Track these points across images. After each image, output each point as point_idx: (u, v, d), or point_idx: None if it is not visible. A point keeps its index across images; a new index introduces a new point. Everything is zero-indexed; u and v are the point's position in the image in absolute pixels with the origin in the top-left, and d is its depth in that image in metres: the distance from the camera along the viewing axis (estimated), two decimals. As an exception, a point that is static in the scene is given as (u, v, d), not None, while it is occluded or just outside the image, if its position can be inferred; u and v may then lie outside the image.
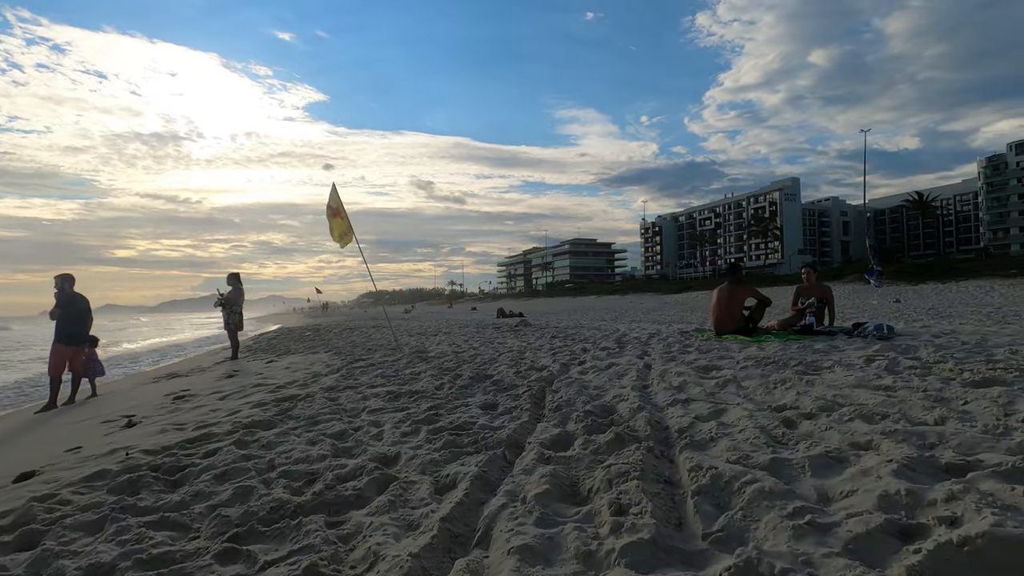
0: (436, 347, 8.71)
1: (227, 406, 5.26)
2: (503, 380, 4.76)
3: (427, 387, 4.88)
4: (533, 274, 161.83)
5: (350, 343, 11.40)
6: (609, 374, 4.58)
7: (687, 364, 4.70)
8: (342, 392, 5.18)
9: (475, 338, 9.96)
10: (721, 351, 5.51)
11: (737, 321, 6.90)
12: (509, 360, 6.10)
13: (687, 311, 22.17)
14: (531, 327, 12.27)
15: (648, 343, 6.83)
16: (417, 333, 12.67)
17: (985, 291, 33.49)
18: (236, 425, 4.08)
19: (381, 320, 25.67)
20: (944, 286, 38.76)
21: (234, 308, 10.94)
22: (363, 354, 8.66)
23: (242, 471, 2.82)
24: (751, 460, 2.12)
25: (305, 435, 3.58)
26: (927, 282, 41.03)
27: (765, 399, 3.21)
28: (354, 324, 21.12)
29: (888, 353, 4.63)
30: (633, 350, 6.14)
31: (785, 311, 8.44)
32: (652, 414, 3.01)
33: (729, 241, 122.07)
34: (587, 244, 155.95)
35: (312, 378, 6.47)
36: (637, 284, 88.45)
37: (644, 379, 4.27)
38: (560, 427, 3.03)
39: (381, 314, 42.24)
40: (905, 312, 13.60)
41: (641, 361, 5.22)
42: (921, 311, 13.60)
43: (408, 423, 3.58)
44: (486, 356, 6.76)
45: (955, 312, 12.84)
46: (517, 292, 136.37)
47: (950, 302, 21.76)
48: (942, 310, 14.02)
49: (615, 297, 69.93)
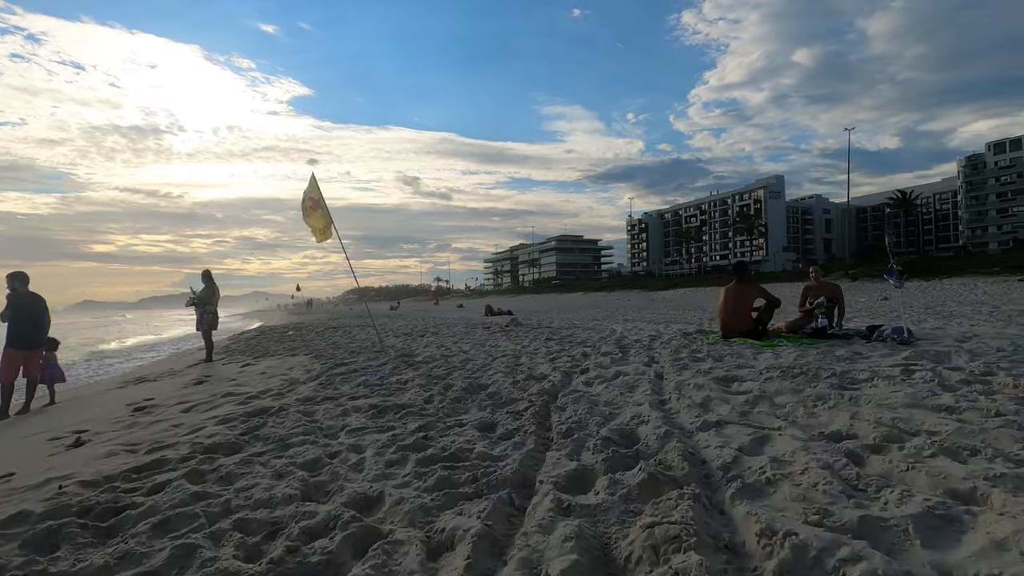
0: (424, 350, 8.19)
1: (191, 421, 4.70)
2: (500, 392, 4.27)
3: (415, 400, 4.37)
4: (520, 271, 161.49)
5: (332, 344, 10.82)
6: (618, 386, 4.12)
7: (704, 374, 4.26)
8: (320, 405, 4.66)
9: (465, 339, 9.45)
10: (736, 358, 5.08)
11: (745, 323, 6.48)
12: (504, 367, 5.61)
13: (678, 309, 21.86)
14: (523, 327, 11.79)
15: (652, 347, 6.38)
16: (403, 333, 12.12)
17: (969, 289, 33.77)
18: (195, 448, 3.54)
19: (366, 318, 25.00)
20: (928, 284, 39.11)
21: (207, 307, 10.30)
22: (345, 357, 8.11)
23: (188, 518, 2.30)
24: (833, 518, 1.67)
25: (273, 463, 3.06)
26: (911, 280, 41.43)
27: (811, 422, 2.76)
28: (338, 322, 20.46)
29: (921, 362, 4.23)
30: (638, 356, 5.69)
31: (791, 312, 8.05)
32: (683, 443, 2.54)
33: (714, 238, 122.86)
34: (574, 241, 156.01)
35: (288, 386, 5.92)
36: (624, 281, 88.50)
37: (659, 392, 3.81)
38: (575, 458, 2.55)
39: (366, 312, 41.45)
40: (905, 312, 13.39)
41: (650, 369, 4.76)
42: (919, 310, 13.38)
43: (393, 448, 3.08)
44: (478, 361, 6.26)
45: (954, 311, 12.62)
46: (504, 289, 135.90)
47: (941, 300, 21.73)
48: (938, 308, 13.83)
49: (602, 294, 69.73)
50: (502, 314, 22.08)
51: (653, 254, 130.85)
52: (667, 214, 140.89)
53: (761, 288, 6.71)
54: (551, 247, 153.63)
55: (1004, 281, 35.08)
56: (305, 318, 32.38)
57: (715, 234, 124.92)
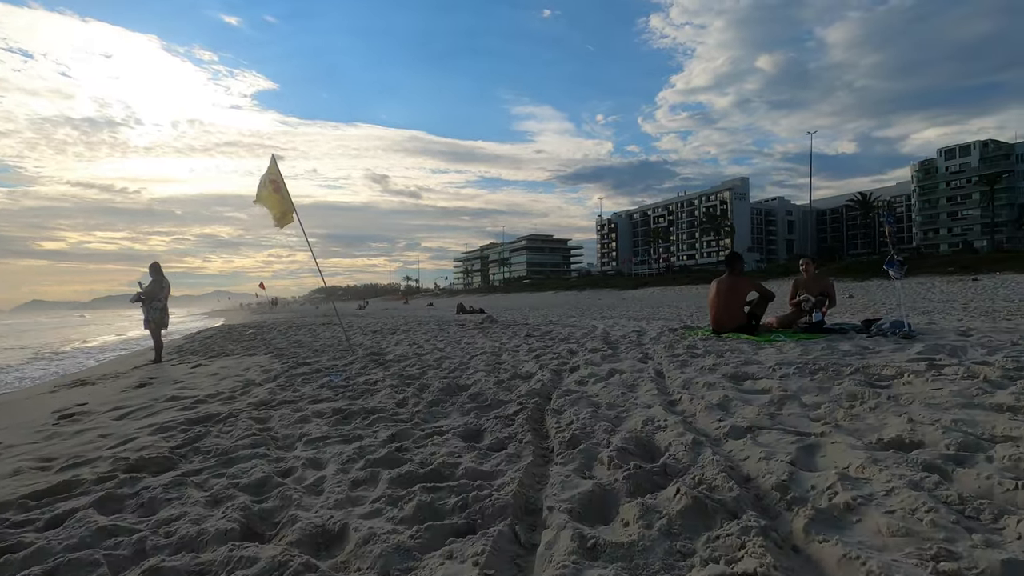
0: (394, 348, 7.60)
1: (122, 430, 4.04)
2: (483, 393, 3.76)
3: (386, 403, 3.83)
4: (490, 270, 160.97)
5: (295, 343, 10.09)
6: (617, 385, 3.67)
7: (709, 371, 3.85)
8: (276, 410, 4.06)
9: (438, 337, 8.89)
10: (736, 354, 4.70)
11: (737, 318, 6.14)
12: (485, 365, 5.10)
13: (652, 307, 21.73)
14: (499, 324, 11.29)
15: (642, 343, 5.98)
16: (372, 331, 11.46)
17: (927, 287, 34.91)
18: (118, 465, 2.92)
19: (332, 317, 24.07)
20: (888, 283, 40.44)
21: (155, 303, 9.44)
22: (308, 356, 7.46)
23: (84, 568, 1.73)
24: (963, 561, 1.23)
25: (211, 484, 2.49)
26: (871, 279, 42.78)
27: (858, 426, 2.36)
28: (302, 321, 19.54)
29: (939, 356, 3.92)
30: (630, 352, 5.26)
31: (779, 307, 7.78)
32: (718, 454, 2.09)
33: (682, 239, 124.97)
34: (543, 240, 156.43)
35: (242, 388, 5.28)
36: (594, 280, 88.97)
37: (666, 392, 3.38)
38: (587, 475, 2.07)
39: (333, 310, 40.13)
40: (905, 304, 13.43)
41: (647, 366, 4.34)
42: (891, 307, 13.45)
43: (361, 464, 2.54)
44: (455, 359, 5.74)
45: (927, 308, 12.72)
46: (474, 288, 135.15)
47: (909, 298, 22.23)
48: (911, 305, 13.98)
49: (573, 293, 69.85)
50: (474, 312, 21.54)
51: (622, 254, 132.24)
52: (636, 214, 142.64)
53: (754, 281, 6.39)
54: (521, 246, 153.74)
55: (959, 280, 36.42)
56: (269, 317, 31.10)
57: (682, 234, 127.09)
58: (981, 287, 32.83)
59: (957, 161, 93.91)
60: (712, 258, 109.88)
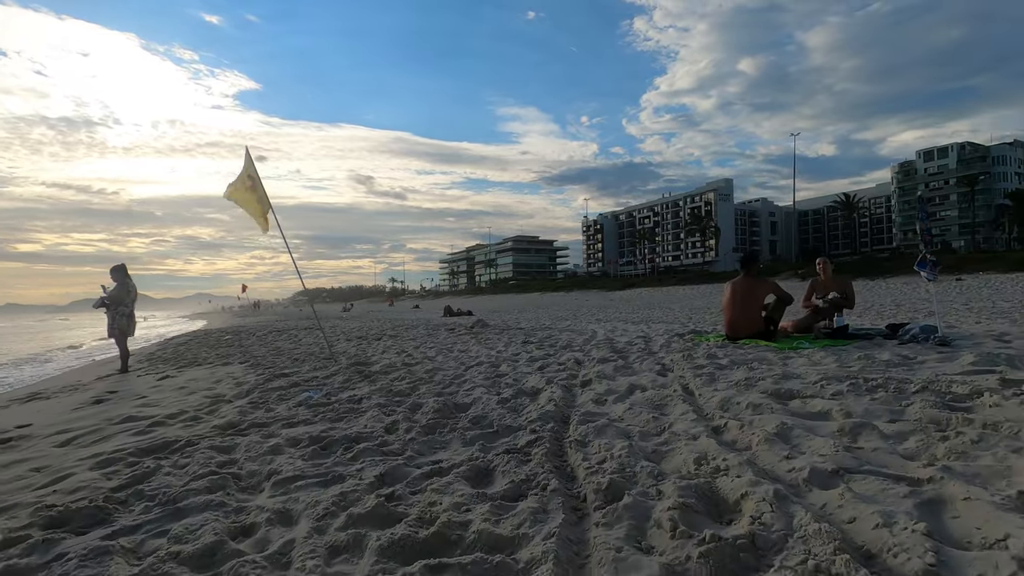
0: (381, 357, 7.02)
1: (61, 462, 3.42)
2: (487, 416, 3.23)
3: (372, 427, 3.27)
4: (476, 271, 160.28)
5: (274, 350, 9.45)
6: (642, 405, 3.17)
7: (745, 387, 3.36)
8: (244, 435, 3.49)
9: (428, 344, 8.33)
10: (765, 364, 4.23)
11: (755, 323, 5.68)
12: (483, 378, 4.57)
13: (644, 309, 21.36)
14: (491, 328, 10.75)
15: (653, 351, 5.49)
16: (357, 337, 10.84)
17: (913, 287, 35.17)
18: (38, 516, 2.33)
19: (308, 316, 23.32)
20: (873, 282, 40.61)
21: (120, 308, 8.75)
22: (287, 366, 6.85)
23: None
24: None
25: (143, 550, 1.93)
26: (857, 279, 43.09)
27: (974, 468, 1.85)
28: (284, 325, 18.78)
29: (999, 368, 3.48)
30: (644, 362, 4.76)
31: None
32: (818, 517, 1.58)
33: (667, 239, 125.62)
34: (529, 241, 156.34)
35: (209, 406, 4.68)
36: (581, 281, 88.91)
37: (704, 415, 2.88)
38: (641, 544, 1.55)
39: (319, 313, 38.95)
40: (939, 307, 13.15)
41: (668, 380, 3.85)
42: (891, 308, 13.19)
43: (341, 520, 1.99)
44: (449, 371, 5.19)
45: (930, 309, 12.45)
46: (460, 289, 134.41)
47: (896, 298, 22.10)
48: (908, 305, 13.73)
49: (560, 294, 69.56)
50: (462, 314, 20.98)
51: (608, 255, 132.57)
52: (621, 215, 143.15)
53: (773, 283, 5.93)
54: (507, 248, 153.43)
55: (943, 280, 36.84)
56: (250, 321, 30.18)
57: (667, 235, 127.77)
58: (966, 287, 33.14)
59: (935, 163, 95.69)
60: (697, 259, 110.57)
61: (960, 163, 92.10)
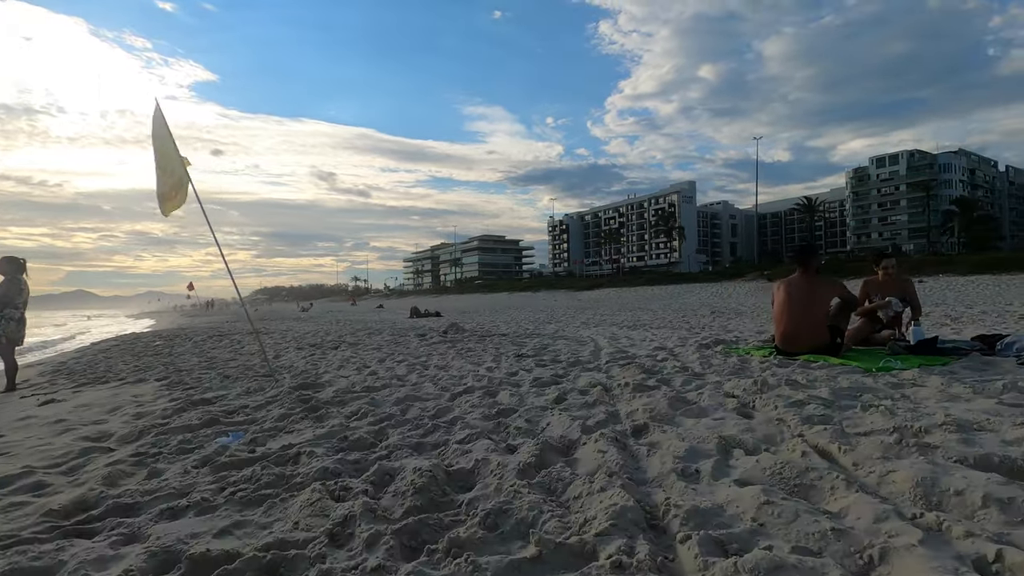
0: (335, 374, 5.54)
1: None
2: (512, 509, 1.87)
3: (309, 528, 1.88)
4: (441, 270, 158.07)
5: (207, 361, 7.81)
6: (764, 481, 1.89)
7: (917, 448, 2.11)
8: (92, 534, 2.03)
9: (396, 355, 6.88)
10: (886, 397, 3.01)
11: (819, 334, 4.48)
12: (479, 416, 3.19)
13: (622, 310, 20.33)
14: (468, 334, 9.36)
15: (695, 370, 4.22)
16: (310, 344, 9.25)
17: (877, 289, 35.67)
18: None
19: (268, 322, 21.20)
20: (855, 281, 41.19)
21: (6, 312, 6.95)
22: (212, 386, 5.30)
23: None
24: None
25: None
26: (822, 280, 43.64)
27: None
28: (231, 328, 16.81)
29: None
30: (700, 392, 3.43)
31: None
32: None
33: (632, 240, 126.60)
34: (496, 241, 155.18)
35: (75, 459, 3.15)
36: (548, 281, 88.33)
37: (906, 516, 1.62)
38: None
39: (274, 313, 36.15)
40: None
41: (761, 424, 2.59)
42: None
43: None
44: (428, 401, 3.80)
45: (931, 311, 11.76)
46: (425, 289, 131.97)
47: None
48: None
49: (528, 294, 68.55)
50: (431, 316, 19.48)
51: (574, 255, 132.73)
52: (587, 216, 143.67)
53: (838, 283, 4.72)
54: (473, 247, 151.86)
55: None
56: (199, 321, 27.74)
57: (632, 236, 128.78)
58: (930, 288, 33.73)
59: (887, 169, 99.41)
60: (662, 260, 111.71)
61: (910, 170, 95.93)
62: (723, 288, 46.18)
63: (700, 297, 39.01)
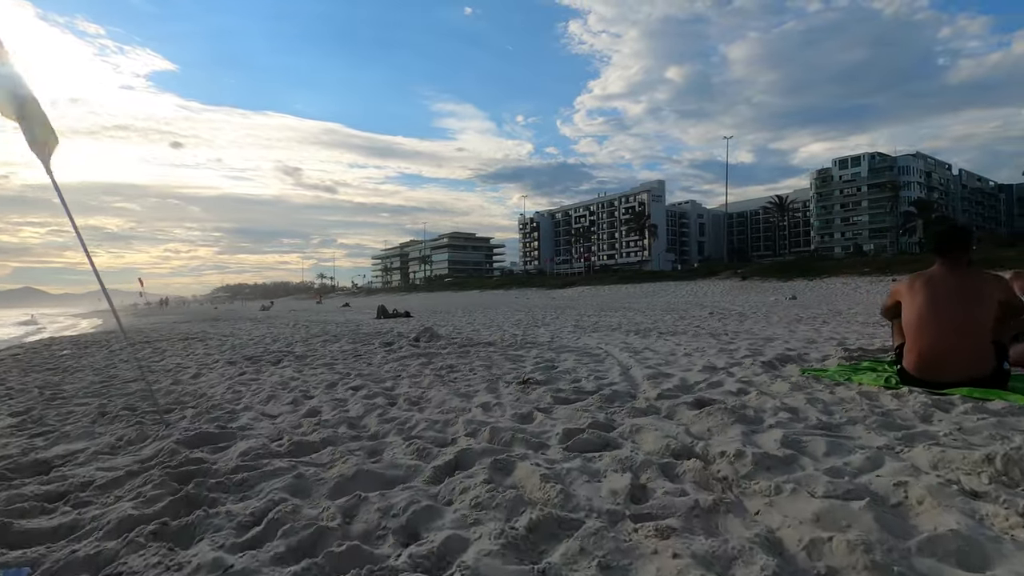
0: (259, 412, 3.83)
1: None
2: None
3: None
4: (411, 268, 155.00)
5: (101, 382, 5.97)
6: None
7: None
8: None
9: (352, 377, 5.18)
10: None
11: (983, 357, 3.02)
12: (499, 545, 1.62)
13: (604, 309, 18.93)
14: (443, 341, 7.72)
15: (820, 420, 2.70)
16: (246, 357, 7.42)
17: (853, 288, 35.49)
18: None
19: (222, 321, 18.72)
20: (812, 283, 41.04)
21: None
22: (72, 434, 3.54)
23: None
24: None
25: None
26: (795, 279, 43.48)
27: None
28: (169, 332, 14.64)
29: None
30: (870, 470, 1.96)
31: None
32: None
33: (602, 239, 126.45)
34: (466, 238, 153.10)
35: None
36: (520, 279, 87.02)
37: None
38: None
39: (232, 312, 33.09)
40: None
41: None
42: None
43: None
44: (392, 483, 2.19)
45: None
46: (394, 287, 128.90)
47: (850, 299, 20.97)
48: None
49: (500, 292, 66.95)
50: (399, 316, 17.70)
51: (544, 253, 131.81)
52: (558, 214, 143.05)
53: (1002, 280, 3.24)
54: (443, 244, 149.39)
55: (880, 280, 37.50)
56: (143, 322, 25.13)
57: (603, 234, 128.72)
58: (903, 288, 33.67)
59: (849, 171, 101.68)
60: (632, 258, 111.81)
61: (871, 171, 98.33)
62: (698, 287, 45.60)
63: (677, 296, 38.20)
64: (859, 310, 14.10)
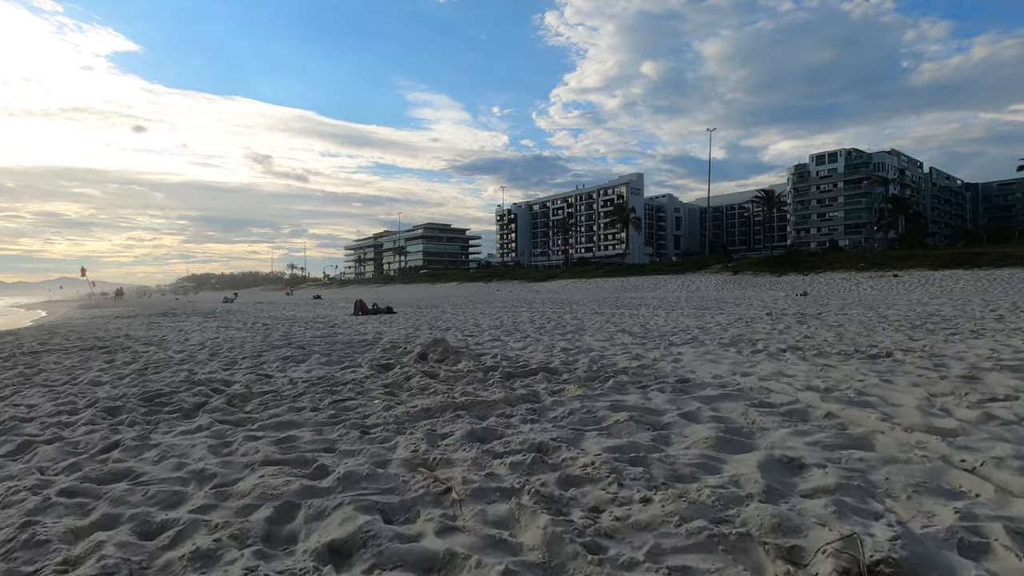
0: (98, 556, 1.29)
1: None
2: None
3: None
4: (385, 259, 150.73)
5: None
6: None
7: None
8: None
9: (336, 467, 2.63)
10: None
11: None
12: None
13: (598, 303, 16.60)
14: (470, 364, 5.20)
15: None
16: (143, 399, 4.76)
17: (854, 283, 34.17)
18: None
19: (169, 317, 15.56)
20: (807, 277, 39.72)
21: None
22: None
23: None
24: None
25: None
26: (788, 273, 42.17)
27: None
28: (103, 329, 11.66)
29: None
30: None
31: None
32: None
33: (580, 231, 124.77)
34: (441, 229, 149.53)
35: None
36: (499, 271, 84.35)
37: None
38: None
39: (190, 306, 29.58)
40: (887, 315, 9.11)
41: None
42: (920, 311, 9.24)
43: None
44: None
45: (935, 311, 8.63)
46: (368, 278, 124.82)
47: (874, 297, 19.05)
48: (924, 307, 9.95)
49: (480, 284, 64.41)
50: (380, 312, 15.03)
51: (522, 245, 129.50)
52: (535, 206, 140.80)
53: None
54: (418, 235, 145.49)
55: (880, 276, 36.32)
56: (86, 314, 21.77)
57: (581, 227, 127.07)
58: (904, 283, 32.45)
59: (826, 167, 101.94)
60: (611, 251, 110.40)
61: (847, 168, 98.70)
62: (690, 280, 43.88)
63: (672, 289, 36.34)
64: (929, 309, 12.05)
